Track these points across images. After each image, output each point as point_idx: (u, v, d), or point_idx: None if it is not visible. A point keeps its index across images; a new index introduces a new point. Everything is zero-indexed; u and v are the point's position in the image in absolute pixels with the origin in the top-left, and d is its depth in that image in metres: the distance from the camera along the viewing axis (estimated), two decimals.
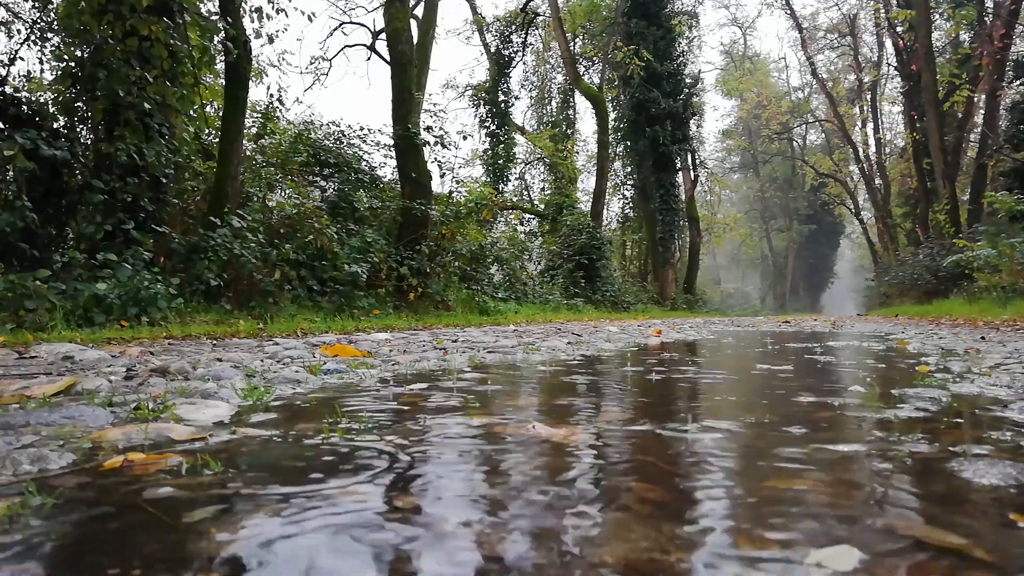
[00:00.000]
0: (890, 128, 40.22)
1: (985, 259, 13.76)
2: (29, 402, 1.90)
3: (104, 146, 7.63)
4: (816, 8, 76.35)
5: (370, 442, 1.48)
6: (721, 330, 9.29)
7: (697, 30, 30.68)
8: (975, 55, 22.04)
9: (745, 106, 44.23)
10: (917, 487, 1.14)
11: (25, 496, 1.03)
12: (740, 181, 58.62)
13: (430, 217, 12.44)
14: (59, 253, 7.35)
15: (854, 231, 52.51)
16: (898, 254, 29.64)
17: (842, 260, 64.74)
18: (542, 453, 1.39)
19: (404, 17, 13.22)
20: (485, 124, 27.80)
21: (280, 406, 2.01)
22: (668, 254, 28.20)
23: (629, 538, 0.87)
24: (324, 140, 13.88)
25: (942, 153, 20.87)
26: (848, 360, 3.95)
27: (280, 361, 3.43)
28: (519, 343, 5.21)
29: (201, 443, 1.45)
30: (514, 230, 24.04)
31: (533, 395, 2.36)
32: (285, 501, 1.03)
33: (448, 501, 1.04)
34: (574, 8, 28.09)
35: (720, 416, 1.84)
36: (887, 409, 1.92)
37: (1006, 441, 1.47)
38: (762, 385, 2.68)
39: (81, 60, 7.85)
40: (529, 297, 17.64)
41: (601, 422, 1.75)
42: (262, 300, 8.45)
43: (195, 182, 9.69)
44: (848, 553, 0.81)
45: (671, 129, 26.51)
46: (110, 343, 4.83)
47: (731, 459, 1.36)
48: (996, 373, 2.82)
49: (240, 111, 9.76)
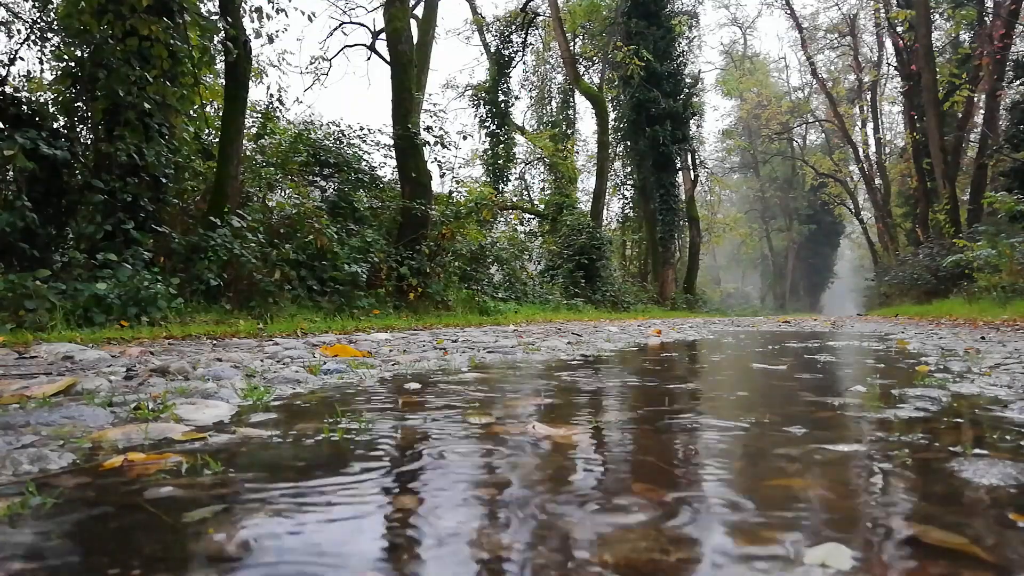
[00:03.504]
0: (890, 128, 40.28)
1: (985, 259, 13.75)
2: (29, 402, 1.90)
3: (104, 146, 7.63)
4: (816, 8, 76.44)
5: (370, 442, 1.48)
6: (721, 330, 9.28)
7: (697, 30, 30.66)
8: (975, 55, 22.04)
9: (745, 106, 44.19)
10: (917, 487, 1.14)
11: (25, 496, 1.03)
12: (740, 181, 58.58)
13: (430, 217, 12.43)
14: (59, 253, 7.34)
15: (854, 231, 52.49)
16: (898, 254, 29.63)
17: (842, 260, 64.73)
18: (542, 452, 1.39)
19: (404, 17, 13.22)
20: (485, 124, 27.81)
21: (280, 406, 2.01)
22: (668, 254, 28.21)
23: (628, 537, 0.87)
24: (324, 140, 13.87)
25: (942, 153, 20.87)
26: (848, 360, 3.95)
27: (280, 361, 3.43)
28: (519, 343, 5.21)
29: (201, 443, 1.45)
30: (514, 230, 24.02)
31: (533, 395, 2.36)
32: (285, 501, 1.03)
33: (448, 501, 1.04)
34: (574, 8, 28.07)
35: (720, 415, 1.84)
36: (887, 409, 1.92)
37: (1006, 441, 1.47)
38: (762, 385, 2.68)
39: (81, 60, 7.85)
40: (529, 297, 17.63)
41: (601, 421, 1.75)
42: (262, 300, 8.45)
43: (195, 182, 9.68)
44: (848, 553, 0.81)
45: (671, 129, 26.51)
46: (110, 343, 4.83)
47: (731, 458, 1.36)
48: (996, 373, 2.82)
49: (240, 111, 9.75)
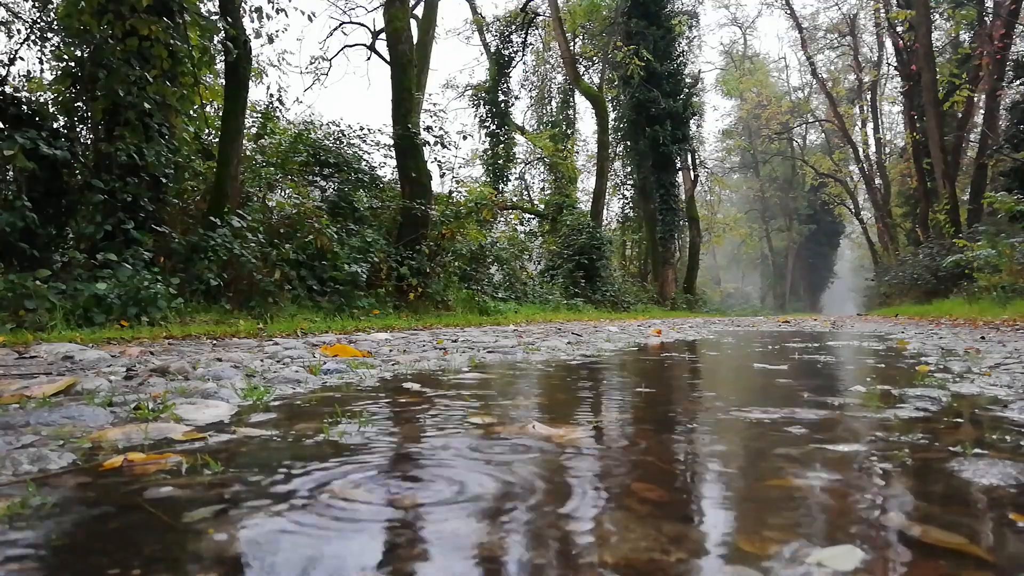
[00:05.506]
0: (890, 128, 40.27)
1: (985, 259, 13.75)
2: (29, 402, 1.90)
3: (104, 146, 7.63)
4: (816, 8, 76.43)
5: (370, 442, 1.48)
6: (721, 330, 9.28)
7: (697, 30, 30.68)
8: (975, 55, 22.03)
9: (745, 106, 44.19)
10: (917, 487, 1.14)
11: (25, 496, 1.03)
12: (740, 181, 58.56)
13: (430, 217, 12.43)
14: (59, 253, 7.34)
15: (854, 231, 52.48)
16: (898, 254, 29.64)
17: (842, 260, 64.71)
18: (542, 452, 1.39)
19: (404, 17, 13.22)
20: (485, 124, 27.81)
21: (280, 406, 2.01)
22: (668, 254, 28.21)
23: (629, 537, 0.87)
24: (324, 140, 13.86)
25: (942, 153, 20.87)
26: (848, 360, 3.95)
27: (280, 361, 3.43)
28: (519, 343, 5.21)
29: (201, 443, 1.45)
30: (514, 230, 24.00)
31: (533, 395, 2.36)
32: (285, 501, 1.03)
33: (448, 500, 1.04)
34: (574, 8, 28.07)
35: (720, 415, 1.84)
36: (887, 409, 1.92)
37: (1006, 441, 1.47)
38: (762, 384, 2.68)
39: (81, 60, 7.84)
40: (529, 297, 17.63)
41: (601, 421, 1.75)
42: (262, 300, 8.45)
43: (195, 182, 9.68)
44: (849, 553, 0.81)
45: (671, 129, 26.51)
46: (110, 343, 4.83)
47: (731, 458, 1.36)
48: (996, 373, 2.82)
49: (240, 111, 9.75)
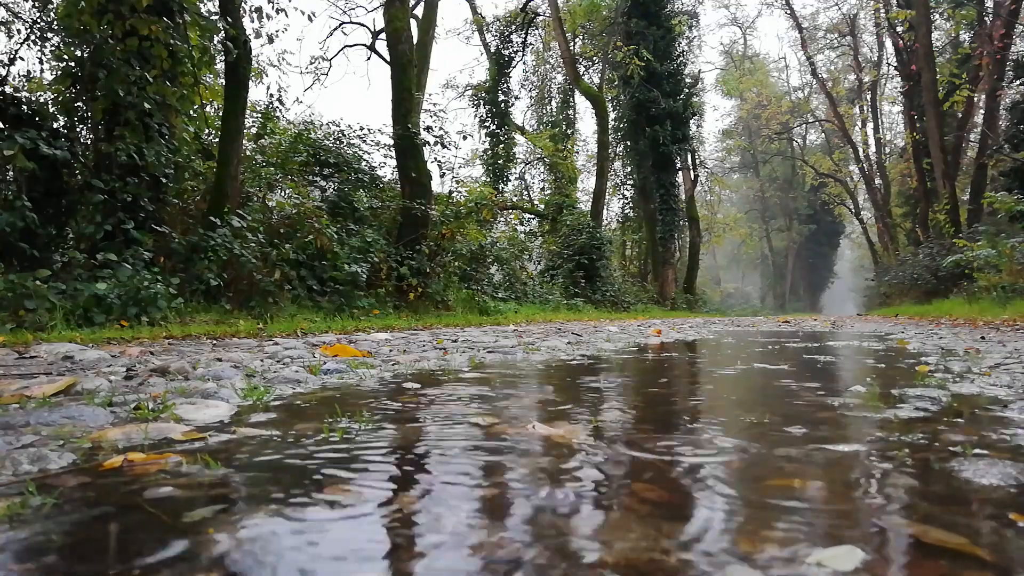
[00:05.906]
0: (890, 128, 40.27)
1: (985, 259, 13.75)
2: (29, 402, 1.90)
3: (104, 146, 7.63)
4: (816, 8, 76.36)
5: (370, 442, 1.48)
6: (721, 330, 9.28)
7: (697, 30, 30.69)
8: (975, 55, 22.03)
9: (745, 106, 44.20)
10: (917, 487, 1.14)
11: (25, 496, 1.03)
12: (740, 181, 58.56)
13: (430, 217, 12.43)
14: (59, 253, 7.34)
15: (854, 231, 52.48)
16: (898, 254, 29.64)
17: (842, 260, 64.72)
18: (542, 451, 1.39)
19: (404, 17, 13.22)
20: (485, 124, 27.81)
21: (280, 406, 2.01)
22: (668, 254, 28.21)
23: (629, 537, 0.87)
24: (324, 140, 13.86)
25: (942, 153, 20.87)
26: (848, 360, 3.95)
27: (280, 361, 3.43)
28: (519, 343, 5.21)
29: (201, 443, 1.45)
30: (514, 230, 24.01)
31: (533, 394, 2.36)
32: (285, 501, 1.03)
33: (448, 500, 1.04)
34: (574, 8, 28.07)
35: (719, 415, 1.84)
36: (887, 409, 1.92)
37: (1006, 441, 1.47)
38: (762, 384, 2.68)
39: (81, 60, 7.84)
40: (529, 297, 17.63)
41: (601, 421, 1.75)
42: (262, 300, 8.45)
43: (195, 182, 9.68)
44: (849, 553, 0.81)
45: (671, 129, 26.52)
46: (110, 343, 4.83)
47: (730, 458, 1.36)
48: (996, 373, 2.82)
49: (240, 111, 9.75)
